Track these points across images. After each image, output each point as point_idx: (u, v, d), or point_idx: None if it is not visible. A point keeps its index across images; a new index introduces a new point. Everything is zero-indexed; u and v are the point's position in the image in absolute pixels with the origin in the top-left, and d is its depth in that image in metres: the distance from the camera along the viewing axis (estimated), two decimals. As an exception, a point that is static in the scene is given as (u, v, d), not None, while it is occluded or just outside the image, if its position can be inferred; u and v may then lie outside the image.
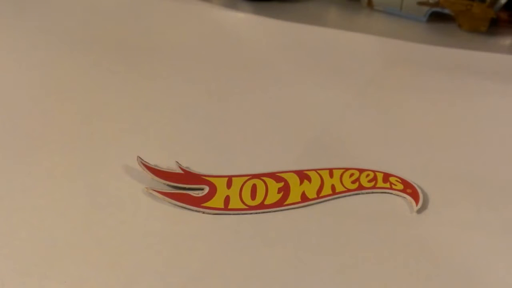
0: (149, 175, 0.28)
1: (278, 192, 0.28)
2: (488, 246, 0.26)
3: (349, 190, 0.28)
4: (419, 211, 0.27)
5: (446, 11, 0.43)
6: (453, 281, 0.24)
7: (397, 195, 0.28)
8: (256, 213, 0.27)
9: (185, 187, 0.28)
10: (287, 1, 0.47)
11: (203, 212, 0.27)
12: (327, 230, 0.26)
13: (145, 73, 0.37)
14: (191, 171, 0.29)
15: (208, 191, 0.28)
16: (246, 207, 0.27)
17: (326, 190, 0.28)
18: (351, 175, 0.29)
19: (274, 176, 0.29)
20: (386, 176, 0.29)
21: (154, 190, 0.27)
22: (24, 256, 0.24)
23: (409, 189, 0.28)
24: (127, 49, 0.40)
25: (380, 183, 0.28)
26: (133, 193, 0.28)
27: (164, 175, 0.28)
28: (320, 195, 0.28)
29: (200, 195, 0.27)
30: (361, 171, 0.29)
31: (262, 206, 0.27)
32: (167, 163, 0.29)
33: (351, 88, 0.36)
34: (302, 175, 0.29)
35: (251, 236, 0.26)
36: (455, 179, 0.29)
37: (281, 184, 0.28)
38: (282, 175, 0.29)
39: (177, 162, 0.29)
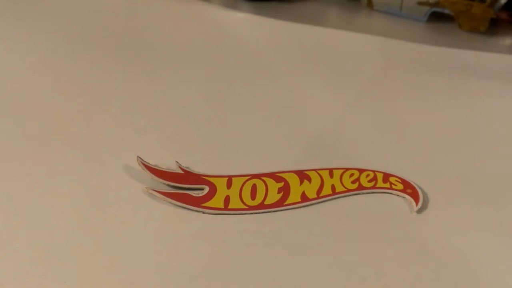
0: (149, 175, 0.28)
1: (278, 192, 0.28)
2: (488, 246, 0.26)
3: (349, 190, 0.28)
4: (419, 211, 0.27)
5: (446, 11, 0.43)
6: (453, 281, 0.24)
7: (397, 195, 0.28)
8: (256, 213, 0.27)
9: (185, 187, 0.28)
10: (287, 1, 0.47)
11: (203, 212, 0.27)
12: (327, 230, 0.26)
13: (145, 73, 0.37)
14: (191, 171, 0.29)
15: (208, 191, 0.28)
16: (246, 207, 0.27)
17: (326, 190, 0.28)
18: (351, 175, 0.29)
19: (274, 176, 0.29)
20: (386, 176, 0.29)
21: (154, 190, 0.27)
22: (24, 256, 0.24)
23: (409, 189, 0.28)
24: (127, 49, 0.40)
25: (380, 183, 0.28)
26: (133, 193, 0.28)
27: (164, 175, 0.28)
28: (320, 195, 0.28)
29: (200, 195, 0.27)
30: (361, 171, 0.29)
31: (262, 206, 0.27)
32: (167, 163, 0.29)
33: (351, 88, 0.36)
34: (302, 175, 0.29)
35: (251, 236, 0.26)
36: (455, 179, 0.29)
37: (281, 184, 0.28)
38: (282, 175, 0.29)
39: (177, 162, 0.29)
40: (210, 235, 0.26)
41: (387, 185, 0.28)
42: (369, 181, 0.28)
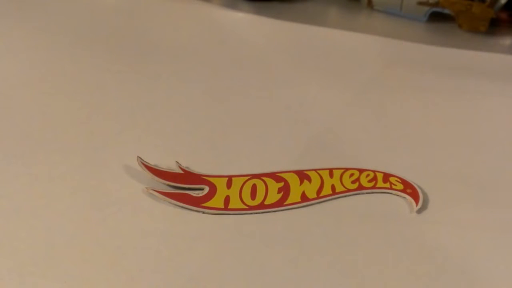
0: (149, 175, 0.28)
1: (278, 192, 0.28)
2: (488, 246, 0.26)
3: (349, 190, 0.28)
4: (419, 211, 0.27)
5: (446, 11, 0.43)
6: (453, 281, 0.24)
7: (397, 195, 0.28)
8: (256, 213, 0.27)
9: (185, 187, 0.28)
10: (287, 1, 0.47)
11: (203, 212, 0.27)
12: (327, 230, 0.26)
13: (145, 73, 0.37)
14: (191, 171, 0.29)
15: (208, 191, 0.28)
16: (246, 207, 0.27)
17: (326, 190, 0.28)
18: (351, 175, 0.29)
19: (274, 176, 0.29)
20: (386, 176, 0.29)
21: (154, 190, 0.27)
22: (24, 256, 0.24)
23: (409, 189, 0.28)
24: (127, 49, 0.40)
25: (380, 183, 0.28)
26: (133, 193, 0.28)
27: (164, 175, 0.28)
28: (320, 195, 0.28)
29: (200, 195, 0.27)
30: (361, 171, 0.29)
31: (262, 206, 0.27)
32: (167, 163, 0.29)
33: (351, 88, 0.36)
34: (302, 175, 0.29)
35: (251, 236, 0.26)
36: (455, 179, 0.29)
37: (281, 184, 0.28)
38: (282, 175, 0.29)
39: (177, 162, 0.29)
40: (210, 235, 0.26)
41: (387, 185, 0.28)
42: (369, 181, 0.28)
